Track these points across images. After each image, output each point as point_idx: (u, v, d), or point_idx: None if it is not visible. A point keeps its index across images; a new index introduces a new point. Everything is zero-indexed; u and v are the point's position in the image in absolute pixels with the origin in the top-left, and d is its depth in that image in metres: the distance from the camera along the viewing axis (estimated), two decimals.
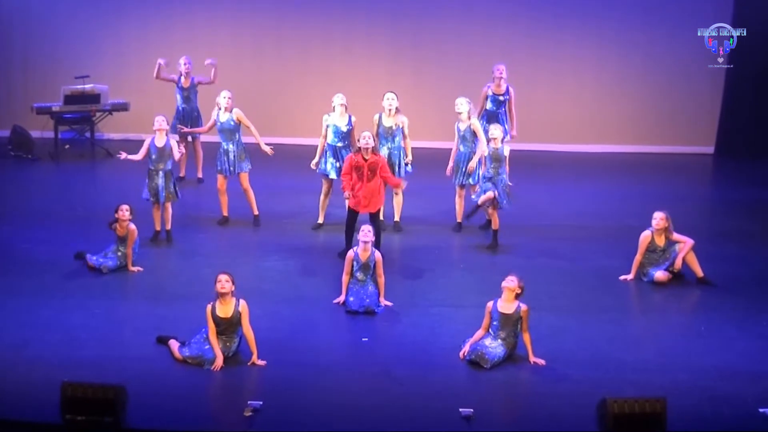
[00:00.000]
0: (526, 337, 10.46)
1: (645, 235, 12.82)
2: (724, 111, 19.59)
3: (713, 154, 19.81)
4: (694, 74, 19.55)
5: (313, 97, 18.79)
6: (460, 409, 9.29)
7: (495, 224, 13.89)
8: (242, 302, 10.45)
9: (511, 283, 10.51)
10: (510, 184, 13.79)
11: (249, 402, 9.33)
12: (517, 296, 10.52)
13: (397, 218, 14.64)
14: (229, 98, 14.40)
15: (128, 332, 11.04)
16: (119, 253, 12.81)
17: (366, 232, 11.81)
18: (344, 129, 14.16)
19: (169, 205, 13.81)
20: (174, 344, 10.41)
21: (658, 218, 12.79)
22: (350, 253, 11.88)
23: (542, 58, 19.61)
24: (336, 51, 19.78)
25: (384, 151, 14.04)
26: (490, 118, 15.57)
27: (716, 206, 16.77)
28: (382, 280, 11.87)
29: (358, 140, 13.13)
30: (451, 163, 14.37)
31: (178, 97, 16.81)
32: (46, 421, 9.00)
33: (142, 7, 19.77)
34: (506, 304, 10.51)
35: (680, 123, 19.79)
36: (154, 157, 13.68)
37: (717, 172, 19.27)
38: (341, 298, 11.82)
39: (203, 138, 16.85)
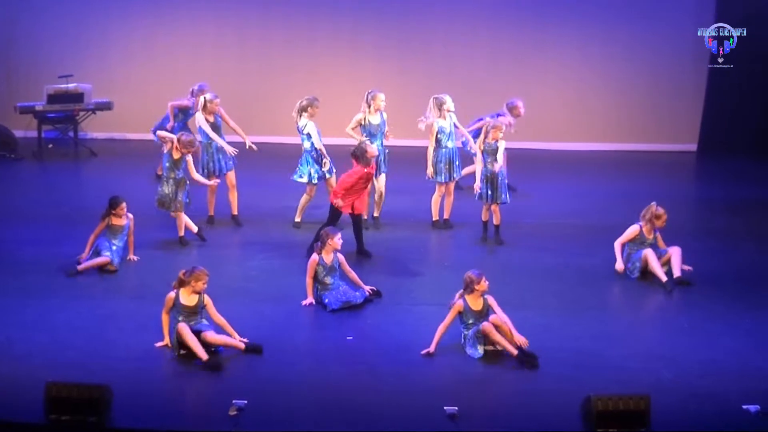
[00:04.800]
0: (509, 324, 10.51)
1: (634, 229, 12.86)
2: (707, 109, 19.66)
3: (696, 152, 19.88)
4: (677, 72, 19.63)
5: (298, 96, 18.74)
6: (445, 408, 9.31)
7: (497, 219, 13.96)
8: (205, 295, 10.59)
9: (485, 284, 10.57)
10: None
11: (234, 401, 9.33)
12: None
13: (376, 214, 14.69)
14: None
15: (113, 332, 11.01)
16: (114, 248, 12.82)
17: (337, 240, 11.82)
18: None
19: (181, 215, 13.78)
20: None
21: (664, 218, 12.82)
22: (314, 257, 11.82)
23: (526, 57, 19.64)
24: (321, 49, 19.78)
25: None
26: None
27: (699, 203, 16.83)
28: (353, 274, 11.96)
29: (367, 150, 13.21)
30: (432, 167, 14.36)
31: (182, 116, 16.59)
32: (31, 421, 8.98)
33: (126, 7, 19.72)
34: (475, 301, 10.60)
35: (663, 121, 19.86)
36: (167, 165, 13.68)
37: (700, 170, 19.34)
38: (308, 300, 11.81)
39: None
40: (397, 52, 19.75)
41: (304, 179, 14.28)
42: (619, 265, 12.87)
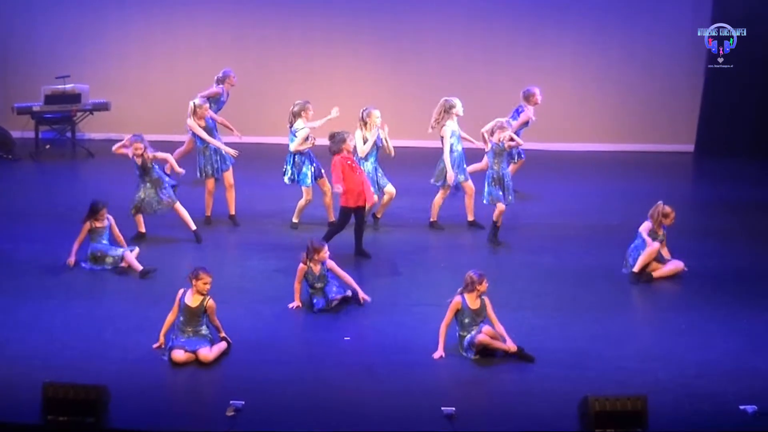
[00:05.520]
0: (500, 327, 10.56)
1: (646, 225, 12.85)
2: (704, 109, 19.67)
3: (693, 152, 19.88)
4: (674, 73, 19.63)
5: (294, 96, 18.76)
6: (442, 408, 9.32)
7: (499, 221, 13.96)
8: (210, 299, 10.56)
9: (486, 285, 10.57)
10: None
11: (231, 402, 9.33)
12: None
13: (379, 215, 14.68)
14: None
15: (110, 332, 11.00)
16: (104, 242, 12.87)
17: (324, 254, 11.70)
18: None
19: (178, 207, 13.83)
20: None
21: (671, 216, 12.83)
22: (302, 266, 11.73)
23: (521, 58, 19.63)
24: (316, 49, 19.76)
25: (369, 166, 14.05)
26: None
27: (697, 204, 16.82)
28: (347, 278, 11.86)
29: (345, 141, 13.20)
30: (451, 171, 14.29)
31: (215, 107, 16.54)
32: (28, 421, 8.98)
33: (123, 7, 19.71)
34: (473, 301, 10.60)
35: (661, 121, 19.86)
36: (137, 172, 13.70)
37: (697, 170, 19.34)
38: (295, 304, 11.77)
39: (182, 137, 16.80)
40: (393, 51, 19.73)
41: (308, 181, 14.29)
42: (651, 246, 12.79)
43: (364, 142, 14.07)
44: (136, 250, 13.00)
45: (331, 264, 11.85)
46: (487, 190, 13.85)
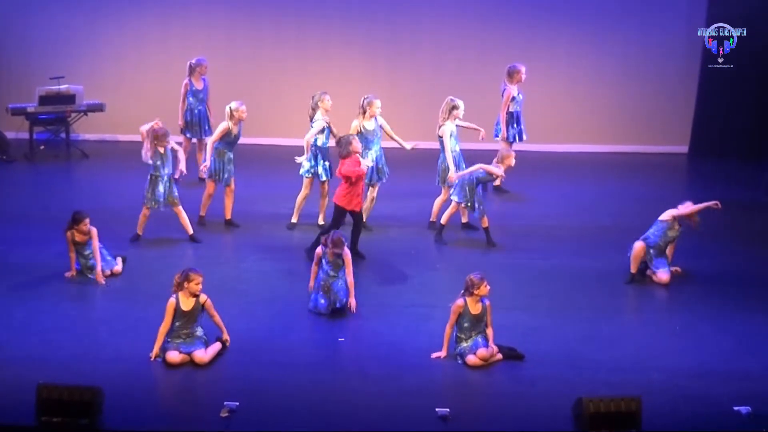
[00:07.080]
0: (490, 332, 10.58)
1: (671, 211, 12.90)
2: (698, 111, 19.68)
3: (687, 154, 19.89)
4: (668, 74, 19.63)
5: (289, 98, 18.82)
6: (437, 409, 9.33)
7: (485, 222, 13.99)
8: (203, 296, 10.53)
9: (486, 289, 10.56)
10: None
11: (225, 403, 9.34)
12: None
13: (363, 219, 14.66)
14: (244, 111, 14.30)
15: (104, 333, 11.01)
16: (82, 260, 12.69)
17: (340, 250, 11.60)
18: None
19: (181, 210, 13.78)
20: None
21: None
22: (319, 251, 11.73)
23: (516, 59, 19.58)
24: (312, 51, 19.75)
25: (373, 154, 14.06)
26: (517, 119, 15.76)
27: None
28: (350, 279, 11.75)
29: (351, 143, 13.13)
30: (454, 168, 14.28)
31: (192, 99, 16.56)
32: (22, 423, 8.97)
33: (118, 8, 19.69)
34: (474, 305, 10.58)
35: (655, 122, 19.86)
36: (158, 163, 13.54)
37: (691, 172, 19.33)
38: (311, 284, 11.77)
39: (180, 138, 16.78)
40: (388, 53, 19.73)
41: (302, 170, 14.29)
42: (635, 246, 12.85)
43: (359, 132, 14.06)
44: (120, 263, 12.84)
45: (347, 255, 11.72)
46: (481, 203, 13.90)
